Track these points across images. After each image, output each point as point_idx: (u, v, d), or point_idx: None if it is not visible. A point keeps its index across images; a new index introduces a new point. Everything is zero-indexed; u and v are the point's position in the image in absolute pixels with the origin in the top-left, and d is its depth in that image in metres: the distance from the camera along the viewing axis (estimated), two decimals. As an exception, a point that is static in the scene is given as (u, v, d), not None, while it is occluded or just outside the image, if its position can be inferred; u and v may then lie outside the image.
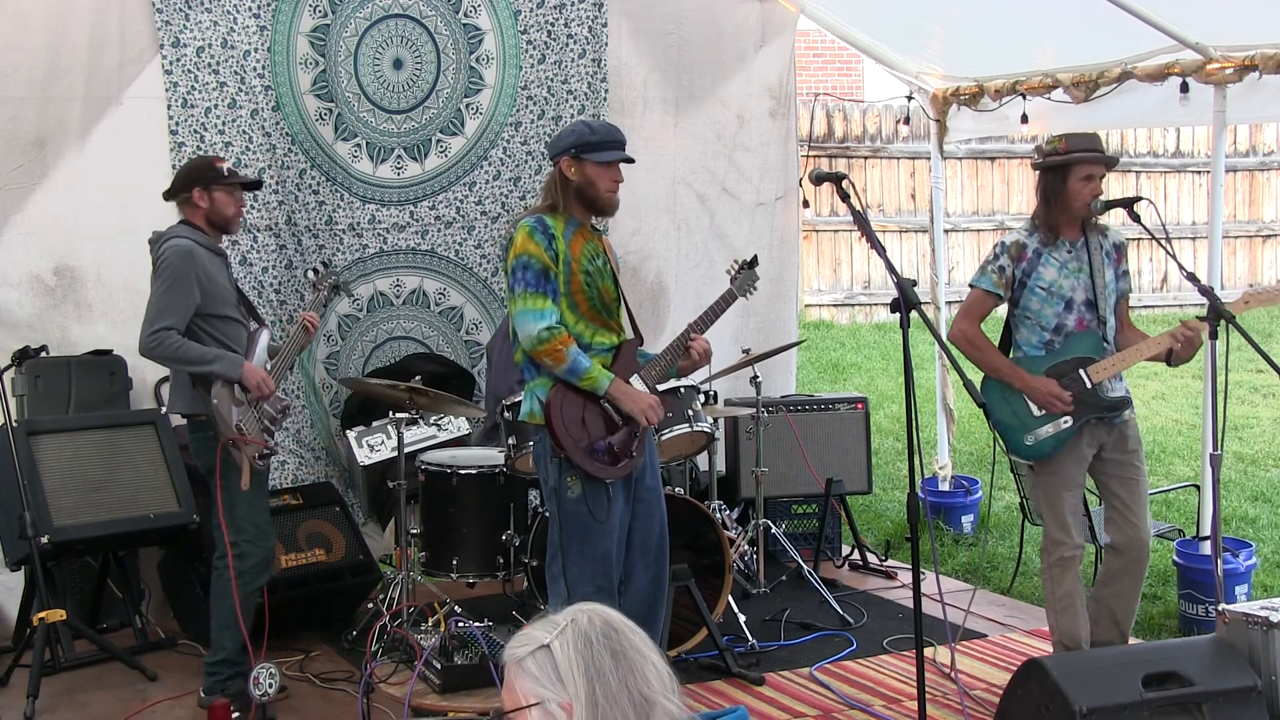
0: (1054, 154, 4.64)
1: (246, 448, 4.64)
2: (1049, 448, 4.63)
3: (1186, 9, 5.68)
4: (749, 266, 4.75)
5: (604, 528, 4.28)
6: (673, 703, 2.03)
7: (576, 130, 4.36)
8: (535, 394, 4.32)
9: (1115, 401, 4.67)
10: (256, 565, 4.77)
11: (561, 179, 4.33)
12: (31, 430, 5.29)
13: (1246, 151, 14.68)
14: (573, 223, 4.34)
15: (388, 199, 6.37)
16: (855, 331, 13.19)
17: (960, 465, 8.09)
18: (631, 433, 4.34)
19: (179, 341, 4.56)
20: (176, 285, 4.57)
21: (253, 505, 4.76)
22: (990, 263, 4.76)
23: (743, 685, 5.02)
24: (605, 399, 4.29)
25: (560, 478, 4.27)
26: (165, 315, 4.55)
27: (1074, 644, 4.68)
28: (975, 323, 4.76)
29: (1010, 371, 4.68)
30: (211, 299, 4.67)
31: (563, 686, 2.00)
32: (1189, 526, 6.39)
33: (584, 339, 4.32)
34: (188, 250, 4.61)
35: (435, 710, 4.29)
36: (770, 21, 7.18)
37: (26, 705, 4.75)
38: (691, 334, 4.49)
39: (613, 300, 4.43)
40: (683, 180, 7.08)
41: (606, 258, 4.43)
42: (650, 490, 4.48)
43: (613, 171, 4.33)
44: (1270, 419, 9.88)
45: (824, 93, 15.33)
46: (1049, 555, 4.70)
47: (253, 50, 5.95)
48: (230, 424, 4.62)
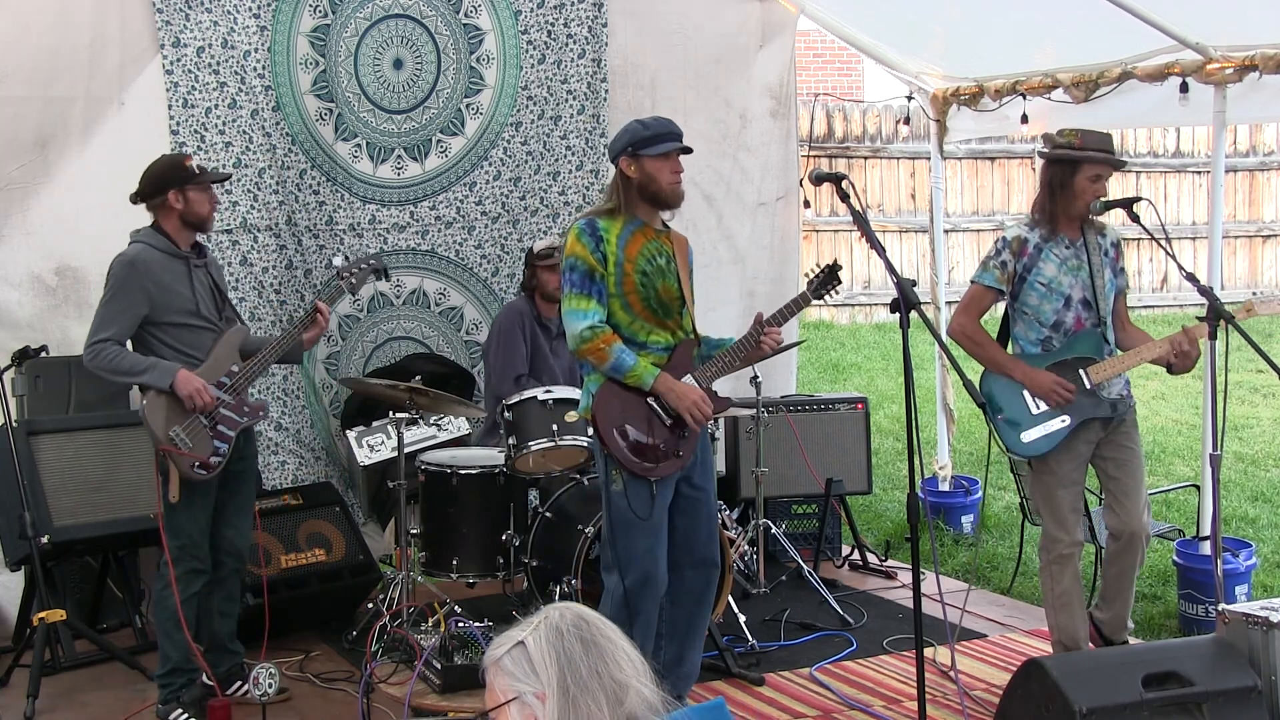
0: (1067, 147, 4.63)
1: (180, 459, 4.55)
2: (1045, 446, 4.63)
3: (1186, 9, 5.68)
4: (829, 272, 4.63)
5: (646, 525, 4.30)
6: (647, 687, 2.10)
7: (630, 129, 4.38)
8: (589, 390, 4.36)
9: (1114, 403, 4.68)
10: (189, 573, 4.68)
11: (624, 180, 4.36)
12: (31, 430, 5.29)
13: (1246, 151, 14.68)
14: (633, 223, 4.35)
15: (388, 199, 6.37)
16: (855, 331, 13.19)
17: (960, 465, 8.10)
18: (679, 433, 4.35)
19: (114, 352, 4.54)
20: (117, 297, 4.56)
21: (190, 515, 4.67)
22: (992, 257, 4.75)
23: (743, 685, 5.02)
24: (652, 395, 4.31)
25: (607, 471, 4.32)
26: (104, 327, 4.55)
27: (1072, 643, 4.69)
28: (975, 318, 4.77)
29: (1011, 364, 4.68)
30: (162, 308, 4.61)
31: (537, 678, 2.07)
32: (1189, 526, 6.39)
33: (638, 338, 4.34)
34: (130, 260, 4.59)
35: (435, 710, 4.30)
36: (770, 21, 7.18)
37: (26, 705, 4.75)
38: (765, 327, 4.48)
39: (674, 299, 4.42)
40: (690, 180, 7.02)
41: (673, 256, 4.43)
42: (698, 489, 4.48)
43: (671, 163, 4.35)
44: (1270, 419, 9.89)
45: (824, 93, 15.33)
46: (1047, 552, 4.71)
47: (253, 50, 5.95)
48: (161, 433, 4.53)
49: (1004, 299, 4.79)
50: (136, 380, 4.61)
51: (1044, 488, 4.71)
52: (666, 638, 4.50)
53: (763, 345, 4.49)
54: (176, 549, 4.67)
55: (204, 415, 4.60)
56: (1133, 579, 4.82)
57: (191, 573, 4.70)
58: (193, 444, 4.58)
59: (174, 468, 4.57)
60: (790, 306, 4.61)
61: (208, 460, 4.62)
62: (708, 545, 4.50)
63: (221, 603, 4.87)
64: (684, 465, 4.39)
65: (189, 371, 4.58)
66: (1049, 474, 4.68)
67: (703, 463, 4.51)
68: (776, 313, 4.56)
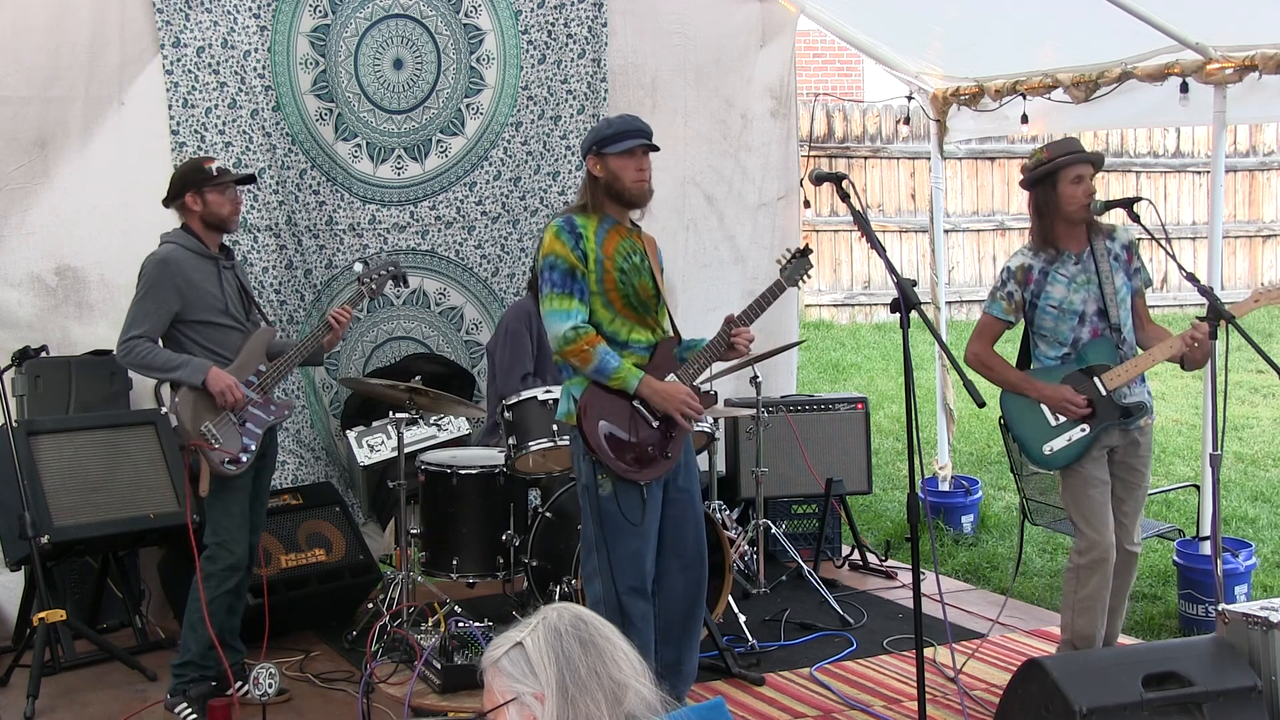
0: (1038, 165, 4.64)
1: (210, 454, 4.65)
2: (1068, 456, 4.64)
3: (1186, 9, 5.68)
4: (801, 255, 4.57)
5: (636, 529, 4.24)
6: (646, 687, 2.10)
7: (595, 128, 4.38)
8: (571, 393, 4.29)
9: (1132, 407, 4.66)
10: (225, 569, 4.76)
11: (590, 179, 4.33)
12: (31, 430, 5.29)
13: (1246, 151, 14.68)
14: (607, 221, 4.31)
15: (388, 199, 6.37)
16: (855, 331, 13.19)
17: (960, 465, 8.10)
18: (666, 433, 4.30)
19: (147, 349, 4.65)
20: (150, 294, 4.66)
21: (226, 510, 4.76)
22: (999, 289, 4.76)
23: (743, 685, 5.02)
24: (636, 398, 4.26)
25: (593, 475, 4.25)
26: (137, 324, 4.66)
27: (1086, 646, 4.67)
28: (988, 344, 4.78)
29: (1025, 384, 4.70)
30: (193, 306, 4.71)
31: (535, 678, 2.08)
32: (1189, 526, 6.38)
33: (620, 337, 4.29)
34: (162, 259, 4.70)
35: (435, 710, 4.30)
36: (770, 21, 7.18)
37: (26, 705, 4.75)
38: (734, 327, 4.39)
39: (651, 297, 4.37)
40: (691, 180, 7.09)
41: (645, 255, 4.38)
42: (683, 491, 4.43)
43: (636, 160, 4.28)
44: (1270, 419, 9.88)
45: (824, 93, 15.34)
46: (1081, 556, 4.65)
47: (253, 50, 5.95)
48: (191, 428, 4.64)
49: (1014, 327, 4.81)
50: (169, 376, 4.71)
51: (1074, 492, 4.68)
52: (662, 642, 4.43)
53: (734, 346, 4.40)
54: (215, 546, 4.76)
55: (233, 412, 4.70)
56: (1124, 599, 4.82)
57: (228, 569, 4.77)
58: (223, 440, 4.67)
59: (205, 463, 4.65)
60: (762, 300, 4.49)
61: (238, 456, 4.72)
62: (696, 546, 4.45)
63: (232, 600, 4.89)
64: (674, 466, 4.34)
65: (220, 369, 4.68)
66: (1076, 477, 4.66)
67: (685, 464, 4.45)
68: (745, 310, 4.47)
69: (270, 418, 4.86)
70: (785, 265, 4.56)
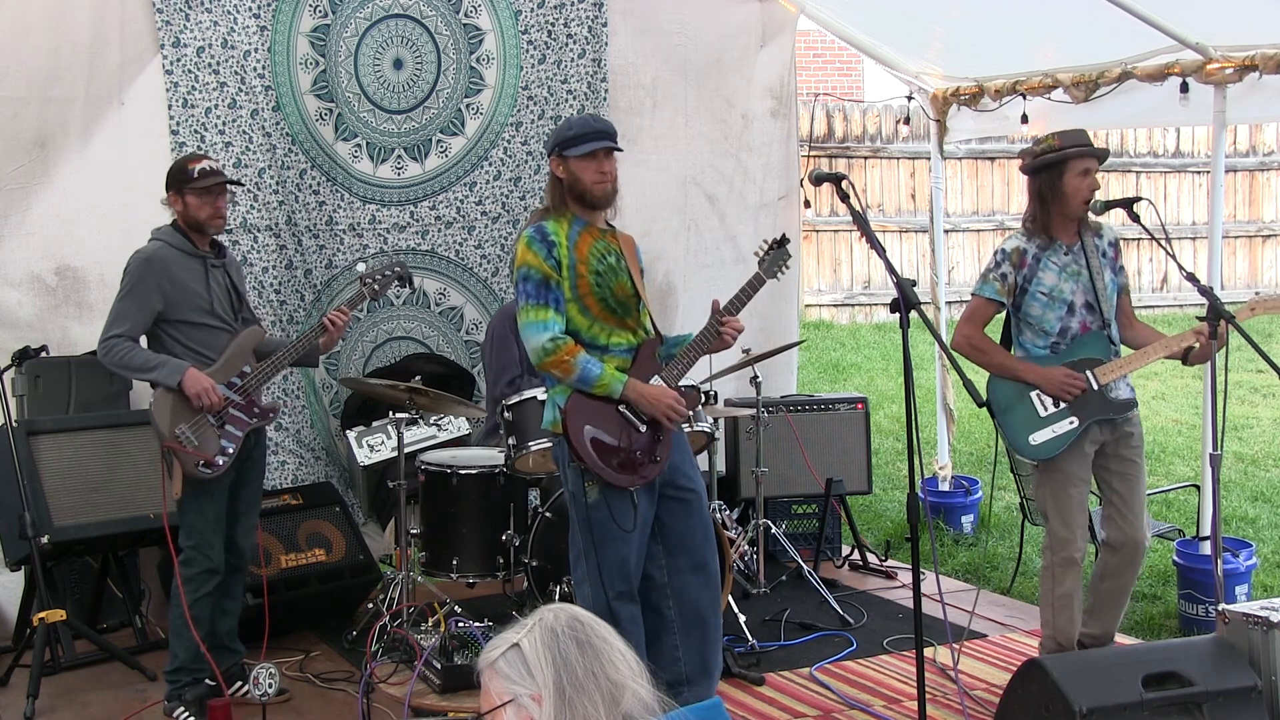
0: (1048, 151, 4.62)
1: (183, 456, 4.57)
2: (1054, 448, 4.63)
3: (1186, 9, 5.68)
4: (778, 246, 4.50)
5: (625, 534, 4.18)
6: (643, 688, 2.10)
7: (557, 129, 4.33)
8: (555, 402, 4.23)
9: (1122, 404, 4.67)
10: (202, 573, 4.69)
11: (554, 180, 4.28)
12: (31, 430, 5.29)
13: (1246, 151, 14.68)
14: (577, 223, 4.24)
15: (388, 199, 6.37)
16: (855, 331, 13.19)
17: (960, 465, 8.10)
18: (655, 437, 4.25)
19: (126, 348, 4.57)
20: (132, 293, 4.59)
21: (200, 513, 4.69)
22: (992, 270, 4.74)
23: (743, 685, 5.02)
24: (622, 403, 4.21)
25: (579, 482, 4.18)
26: (118, 323, 4.58)
27: (1067, 642, 4.70)
28: (979, 328, 4.76)
29: (1021, 367, 4.67)
30: (177, 305, 4.63)
31: (533, 679, 2.07)
32: (1189, 526, 6.39)
33: (599, 342, 4.22)
34: (147, 257, 4.62)
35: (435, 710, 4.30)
36: (770, 21, 7.18)
37: (26, 705, 4.75)
38: (722, 316, 4.33)
39: (630, 298, 4.30)
40: (693, 180, 7.08)
41: (622, 255, 4.31)
42: (684, 489, 4.35)
43: (597, 163, 4.20)
44: (1270, 419, 9.89)
45: (824, 93, 15.34)
46: (1053, 554, 4.69)
47: (253, 50, 5.95)
48: (166, 430, 4.56)
49: (1004, 310, 4.79)
50: (146, 377, 4.64)
51: (1052, 487, 4.69)
52: (683, 647, 4.33)
53: (723, 335, 4.34)
54: (190, 549, 4.69)
55: (212, 415, 4.62)
56: (1128, 593, 4.82)
57: (205, 573, 4.71)
58: (199, 442, 4.59)
59: (178, 465, 4.58)
60: (745, 290, 4.41)
61: (213, 459, 4.63)
62: (704, 547, 4.37)
63: (223, 601, 4.86)
64: (663, 469, 4.28)
65: (198, 371, 4.60)
66: (1057, 473, 4.67)
67: (683, 463, 4.38)
68: (731, 300, 4.40)
69: (253, 420, 4.76)
70: (763, 258, 4.49)
